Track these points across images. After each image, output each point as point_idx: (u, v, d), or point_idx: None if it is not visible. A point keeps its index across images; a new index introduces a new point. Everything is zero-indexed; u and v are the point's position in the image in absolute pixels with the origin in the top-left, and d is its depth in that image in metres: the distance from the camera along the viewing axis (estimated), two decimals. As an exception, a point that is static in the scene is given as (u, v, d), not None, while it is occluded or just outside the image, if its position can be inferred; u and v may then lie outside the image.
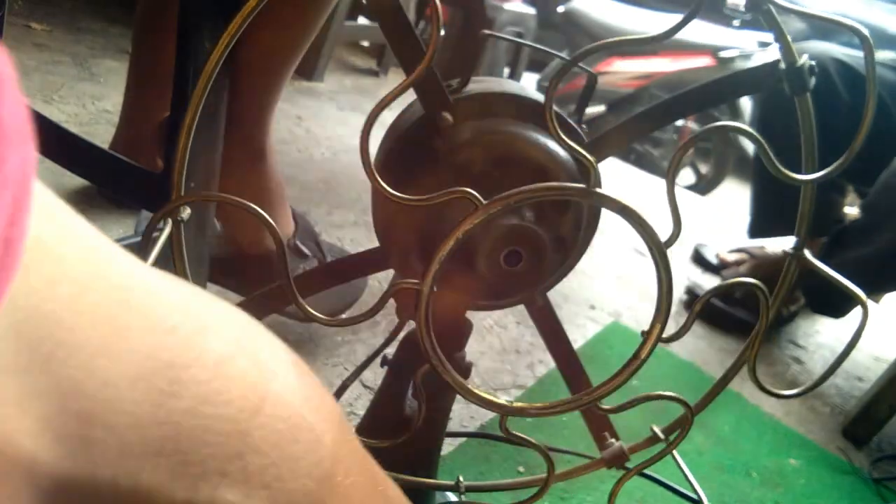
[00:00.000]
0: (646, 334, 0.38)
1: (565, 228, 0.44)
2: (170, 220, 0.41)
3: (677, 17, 0.37)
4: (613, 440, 0.50)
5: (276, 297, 0.46)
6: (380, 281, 1.09)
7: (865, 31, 0.37)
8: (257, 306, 0.45)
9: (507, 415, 0.41)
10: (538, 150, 0.42)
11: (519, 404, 0.40)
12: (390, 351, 0.53)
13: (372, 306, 0.40)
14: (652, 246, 0.36)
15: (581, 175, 0.43)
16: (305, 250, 0.91)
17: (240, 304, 0.47)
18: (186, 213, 0.41)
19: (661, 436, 0.47)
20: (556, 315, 0.49)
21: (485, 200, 0.35)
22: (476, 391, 0.40)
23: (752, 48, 3.24)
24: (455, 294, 0.46)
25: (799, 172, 0.40)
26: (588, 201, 0.37)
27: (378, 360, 0.53)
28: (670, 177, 0.38)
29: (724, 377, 0.48)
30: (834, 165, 0.40)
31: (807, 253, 0.43)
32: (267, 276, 0.80)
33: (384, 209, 0.47)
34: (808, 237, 0.43)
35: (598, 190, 0.36)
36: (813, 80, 0.40)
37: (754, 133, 0.37)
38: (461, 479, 0.51)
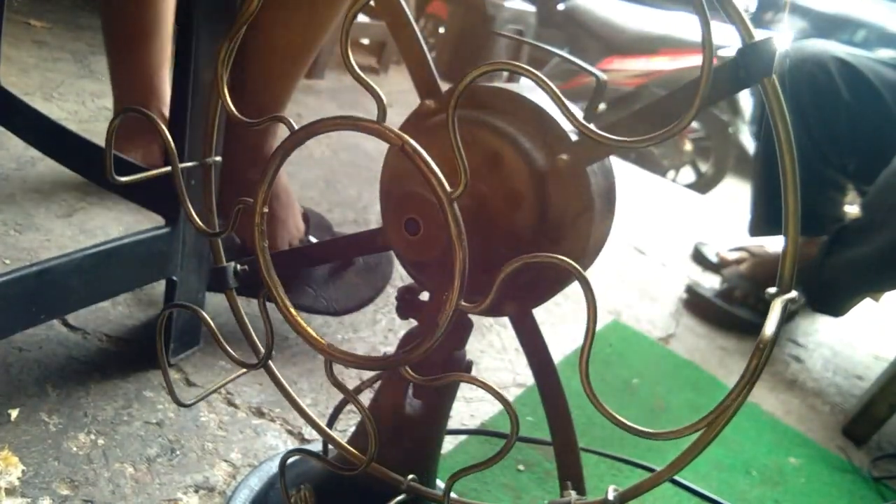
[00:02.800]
0: (444, 301, 0.37)
1: (520, 227, 0.44)
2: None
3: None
4: (572, 491, 0.46)
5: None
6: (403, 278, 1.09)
7: None
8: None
9: (331, 360, 0.42)
10: (499, 137, 0.43)
11: (342, 349, 0.41)
12: (390, 349, 0.53)
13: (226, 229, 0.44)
14: (440, 195, 0.35)
15: (555, 169, 0.43)
16: None
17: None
18: (218, 158, 0.49)
19: (611, 497, 0.42)
20: (536, 329, 0.49)
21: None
22: (301, 322, 0.41)
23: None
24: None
25: (803, 168, 0.39)
26: (373, 133, 0.36)
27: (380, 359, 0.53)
28: (450, 115, 0.36)
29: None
30: (662, 132, 0.34)
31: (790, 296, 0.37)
32: (280, 276, 0.83)
33: (382, 183, 0.49)
34: (795, 285, 0.36)
35: (384, 124, 0.37)
36: (787, 62, 0.34)
37: (543, 78, 0.35)
38: (409, 478, 0.50)
